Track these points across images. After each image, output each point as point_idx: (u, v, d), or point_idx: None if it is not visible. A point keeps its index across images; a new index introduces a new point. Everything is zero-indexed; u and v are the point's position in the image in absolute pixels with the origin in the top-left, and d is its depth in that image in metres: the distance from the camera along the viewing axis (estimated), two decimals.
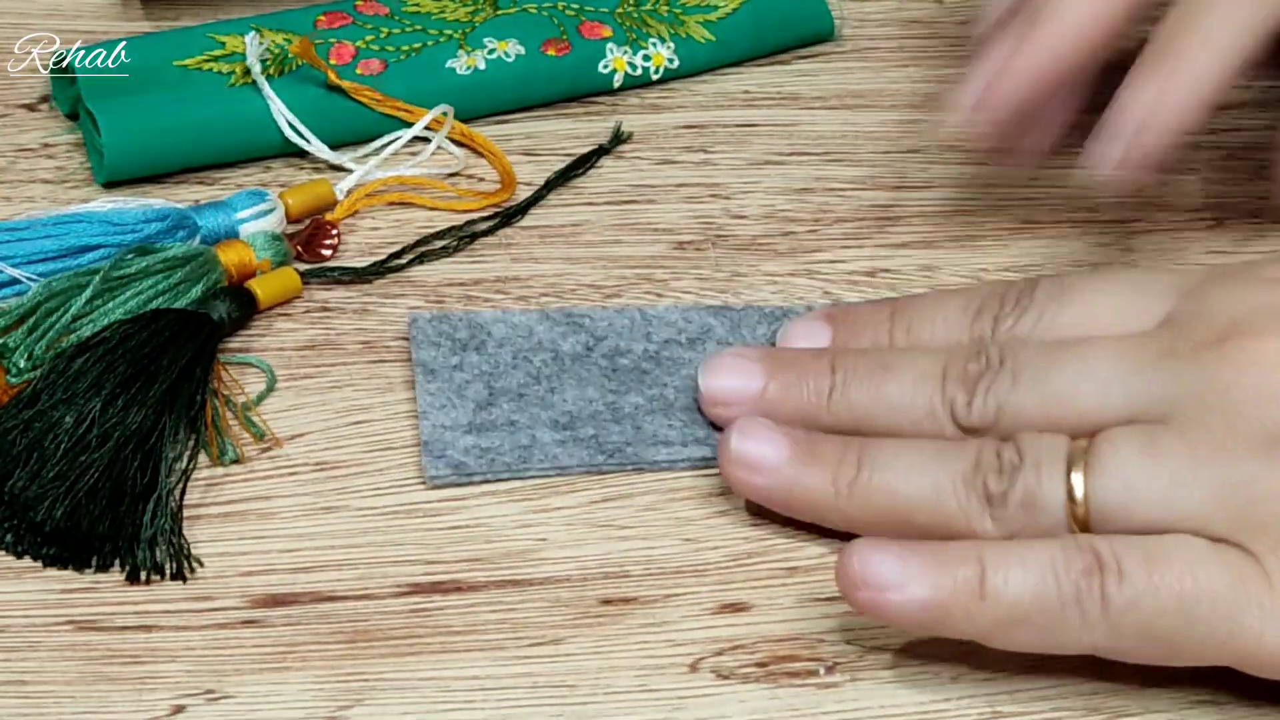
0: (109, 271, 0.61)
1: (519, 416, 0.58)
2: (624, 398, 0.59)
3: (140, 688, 0.53)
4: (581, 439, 0.58)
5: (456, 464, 0.57)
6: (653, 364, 0.60)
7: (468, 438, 0.58)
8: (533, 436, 0.58)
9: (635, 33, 0.72)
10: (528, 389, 0.59)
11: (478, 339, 0.60)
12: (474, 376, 0.59)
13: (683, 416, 0.59)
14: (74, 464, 0.56)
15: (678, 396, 0.59)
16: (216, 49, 0.69)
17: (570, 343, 0.60)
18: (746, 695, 0.53)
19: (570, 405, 0.59)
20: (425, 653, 0.54)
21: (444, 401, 0.59)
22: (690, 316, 0.62)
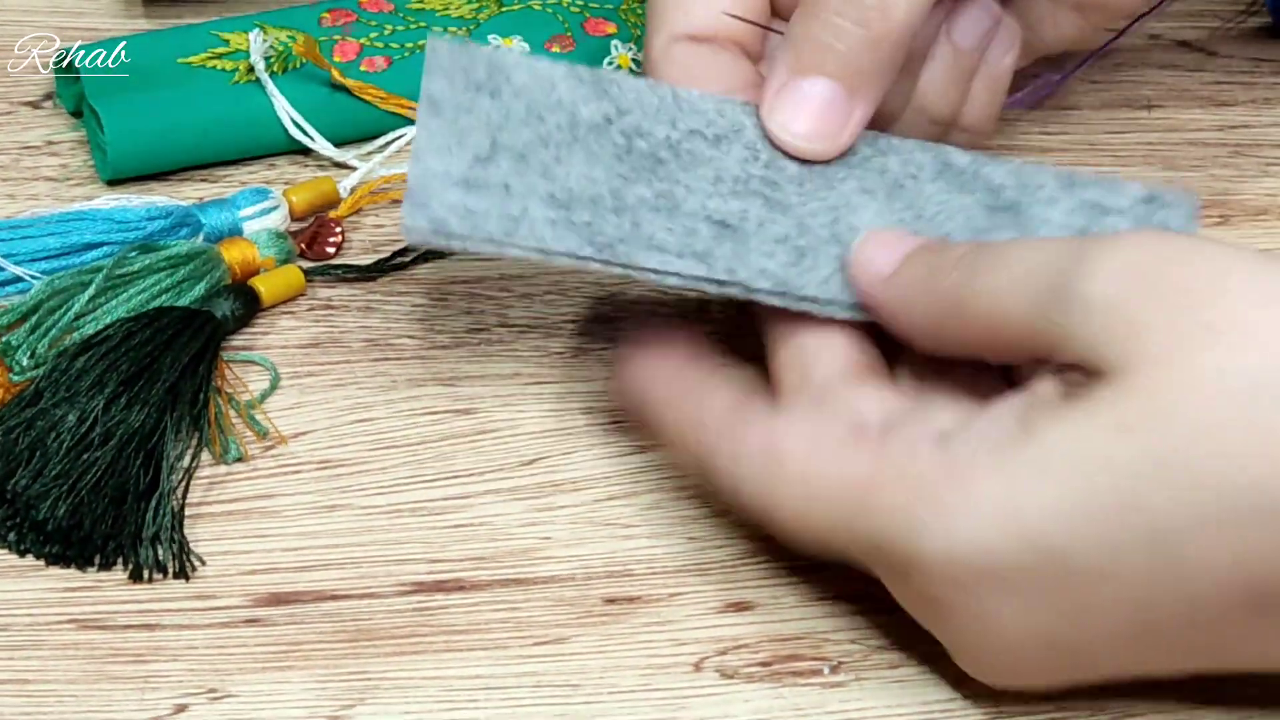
0: (112, 269, 0.60)
1: (515, 181, 0.54)
2: (630, 186, 0.55)
3: (143, 687, 0.52)
4: (574, 223, 0.54)
5: (437, 219, 0.53)
6: (671, 154, 0.56)
7: (455, 191, 0.53)
8: (524, 208, 0.54)
9: (639, 29, 0.72)
10: (532, 151, 0.55)
11: (495, 82, 0.55)
12: (480, 124, 0.54)
13: (685, 223, 0.55)
14: (77, 462, 0.56)
15: (687, 198, 0.55)
16: (220, 46, 0.69)
17: (590, 109, 0.56)
18: (750, 695, 0.53)
19: (573, 181, 0.55)
20: (428, 652, 0.54)
21: (441, 144, 0.54)
22: (724, 109, 0.57)
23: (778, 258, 0.55)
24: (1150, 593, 0.47)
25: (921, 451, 0.49)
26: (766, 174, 0.56)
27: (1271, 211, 0.68)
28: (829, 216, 0.56)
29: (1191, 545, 0.46)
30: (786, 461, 0.51)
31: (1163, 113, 0.72)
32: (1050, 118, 0.72)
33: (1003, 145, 0.69)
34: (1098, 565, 0.47)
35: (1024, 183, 0.58)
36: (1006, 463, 0.48)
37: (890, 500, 0.49)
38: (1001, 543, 0.47)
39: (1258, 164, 0.70)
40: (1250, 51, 0.75)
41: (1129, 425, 0.46)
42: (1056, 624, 0.48)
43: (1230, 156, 0.70)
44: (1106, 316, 0.47)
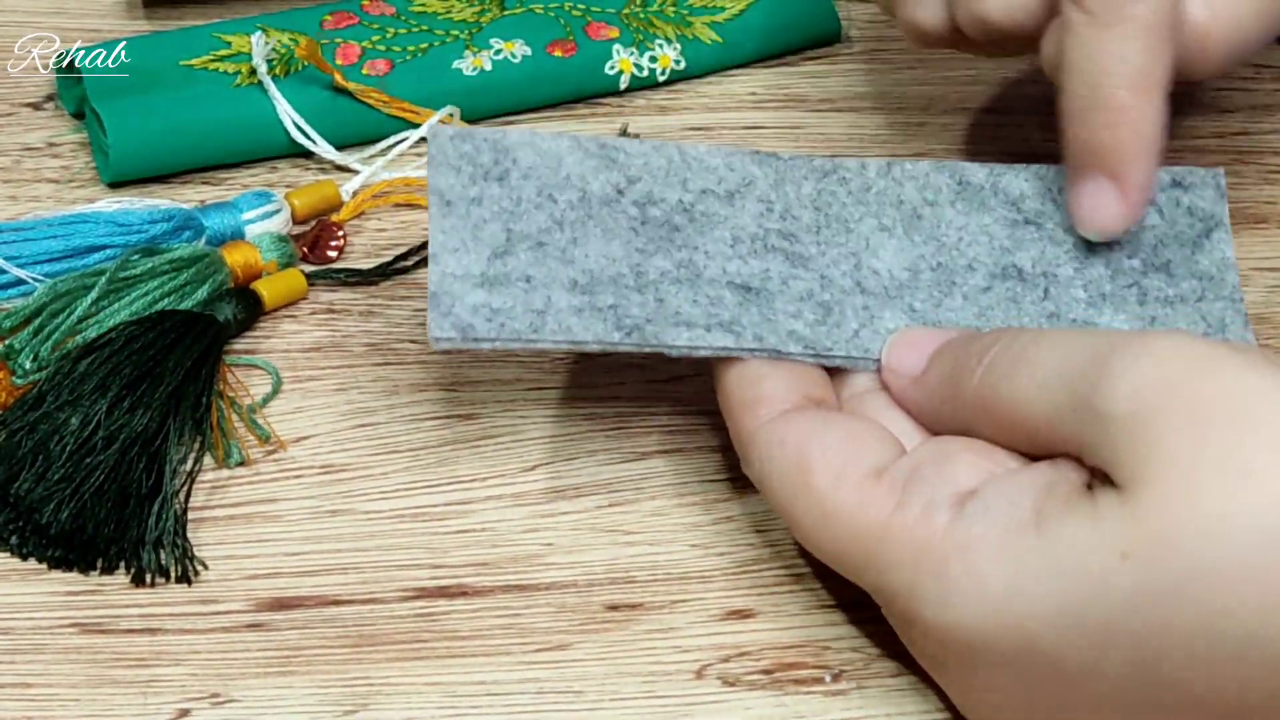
0: (115, 272, 0.60)
1: (535, 272, 0.54)
2: (650, 260, 0.55)
3: (145, 691, 0.52)
4: (599, 308, 0.54)
5: (464, 325, 0.52)
6: (686, 219, 0.56)
7: (479, 293, 0.53)
8: (548, 299, 0.53)
9: (642, 34, 0.72)
10: (548, 237, 0.54)
11: (501, 166, 0.55)
12: (493, 214, 0.54)
13: (709, 291, 0.55)
14: (79, 466, 0.56)
15: (707, 264, 0.55)
16: (222, 49, 0.69)
17: (600, 182, 0.56)
18: (752, 702, 0.53)
19: (592, 262, 0.54)
20: (431, 658, 0.54)
21: (457, 243, 0.54)
22: (733, 163, 0.57)
23: (804, 317, 0.55)
24: (1130, 700, 0.47)
25: (938, 517, 0.49)
26: (783, 226, 0.56)
27: (1271, 219, 0.68)
28: (850, 263, 0.56)
29: (1177, 675, 0.46)
30: (811, 483, 0.51)
31: None
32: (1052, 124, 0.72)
33: (1006, 152, 0.69)
34: (1081, 670, 0.47)
35: (1045, 188, 0.58)
36: (1013, 552, 0.48)
37: (899, 558, 0.50)
38: (994, 629, 0.48)
39: (1258, 171, 0.70)
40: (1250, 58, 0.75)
41: (1129, 553, 0.46)
42: (1043, 704, 0.49)
43: (1230, 164, 0.70)
44: (1123, 431, 0.47)
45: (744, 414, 0.54)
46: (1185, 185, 0.59)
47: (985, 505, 0.49)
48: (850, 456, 0.51)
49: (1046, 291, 0.58)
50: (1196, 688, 0.46)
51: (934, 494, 0.50)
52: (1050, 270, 0.58)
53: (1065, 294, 0.58)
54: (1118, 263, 0.58)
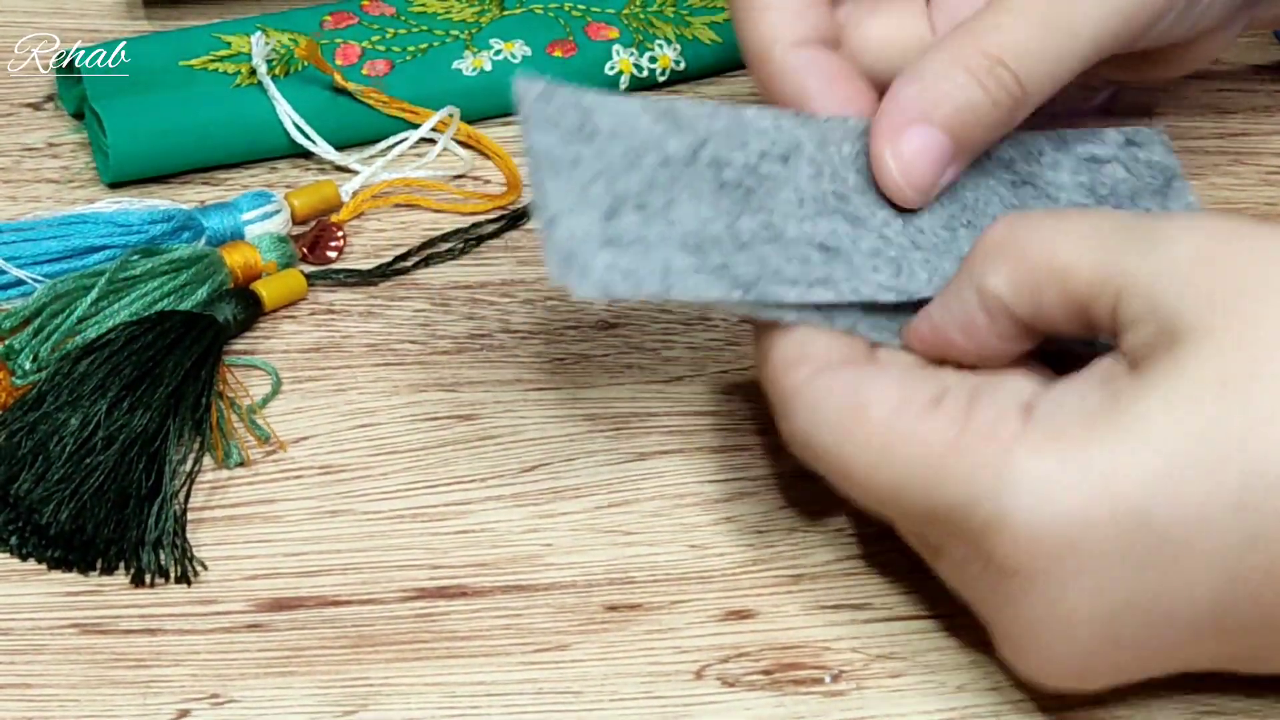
0: (114, 273, 0.60)
1: (647, 232, 0.53)
2: (739, 221, 0.55)
3: (145, 692, 0.52)
4: (714, 268, 0.53)
5: (604, 284, 0.51)
6: (756, 181, 0.55)
7: (605, 253, 0.52)
8: (667, 261, 0.53)
9: (641, 34, 0.72)
10: (645, 198, 0.53)
11: (587, 128, 0.54)
12: (593, 176, 0.53)
13: (795, 251, 0.55)
14: (79, 467, 0.56)
15: (785, 225, 0.55)
16: (222, 49, 0.69)
17: (675, 144, 0.55)
18: (752, 703, 0.53)
19: (691, 224, 0.54)
20: (430, 658, 0.54)
21: (571, 204, 0.52)
22: (781, 125, 0.56)
23: (882, 272, 0.55)
24: (1232, 564, 0.47)
25: (1009, 421, 0.49)
26: (835, 188, 0.56)
27: (1271, 220, 0.68)
28: (899, 224, 0.57)
29: (1276, 510, 0.46)
30: (869, 417, 0.50)
31: (1163, 120, 0.72)
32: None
33: None
34: (1186, 532, 0.47)
35: (1027, 151, 0.59)
36: (1103, 431, 0.47)
37: (977, 462, 0.48)
38: (1096, 512, 0.47)
39: (1258, 172, 0.70)
40: (1251, 59, 0.75)
41: (1229, 386, 0.46)
42: (1132, 606, 0.48)
43: (1230, 165, 0.70)
44: (1192, 271, 0.47)
45: (788, 370, 0.53)
46: (1138, 142, 0.60)
47: (1056, 403, 0.49)
48: (905, 391, 0.51)
49: None
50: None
51: (1001, 405, 0.49)
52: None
53: None
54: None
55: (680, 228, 0.53)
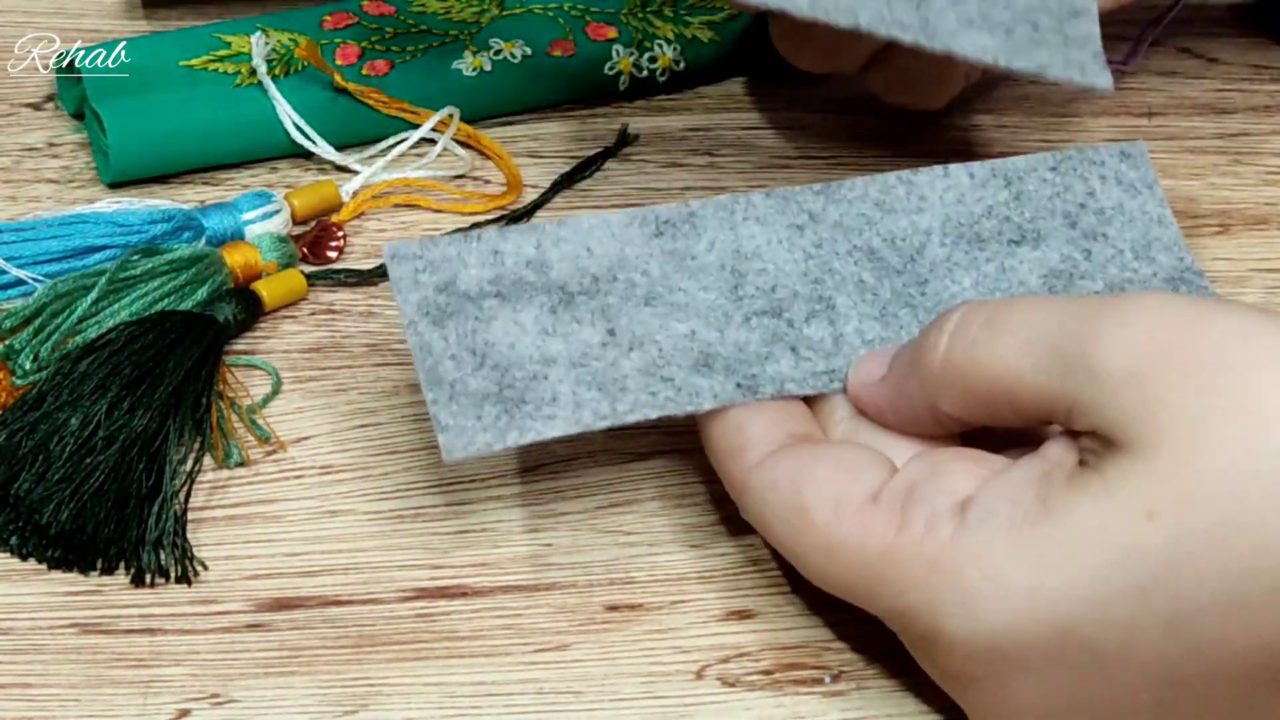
0: (115, 273, 0.60)
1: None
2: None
3: (145, 691, 0.52)
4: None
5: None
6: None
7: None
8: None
9: (641, 34, 0.72)
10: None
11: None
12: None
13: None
14: (79, 466, 0.56)
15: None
16: (222, 49, 0.69)
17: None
18: (752, 703, 0.53)
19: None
20: (431, 658, 0.54)
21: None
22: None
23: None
24: (1171, 673, 0.47)
25: (942, 525, 0.49)
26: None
27: (1271, 221, 0.68)
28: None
29: (1214, 626, 0.46)
30: (811, 521, 0.51)
31: (1163, 120, 0.72)
32: (1051, 125, 0.72)
33: (1005, 152, 0.69)
34: (1117, 648, 0.47)
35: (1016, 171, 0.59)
36: (1028, 543, 0.47)
37: (910, 576, 0.49)
38: (1023, 625, 0.47)
39: (1257, 173, 0.70)
40: (1250, 59, 0.75)
41: (1155, 510, 0.46)
42: (1076, 703, 0.48)
43: (1230, 165, 0.70)
44: (1125, 389, 0.47)
45: (732, 461, 0.54)
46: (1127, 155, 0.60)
47: (988, 509, 0.49)
48: (844, 486, 0.51)
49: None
50: (1235, 639, 0.46)
51: (933, 507, 0.49)
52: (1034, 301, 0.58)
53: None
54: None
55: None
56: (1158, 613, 0.46)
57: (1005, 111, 0.72)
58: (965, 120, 0.72)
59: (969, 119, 0.72)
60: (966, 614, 0.48)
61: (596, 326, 0.55)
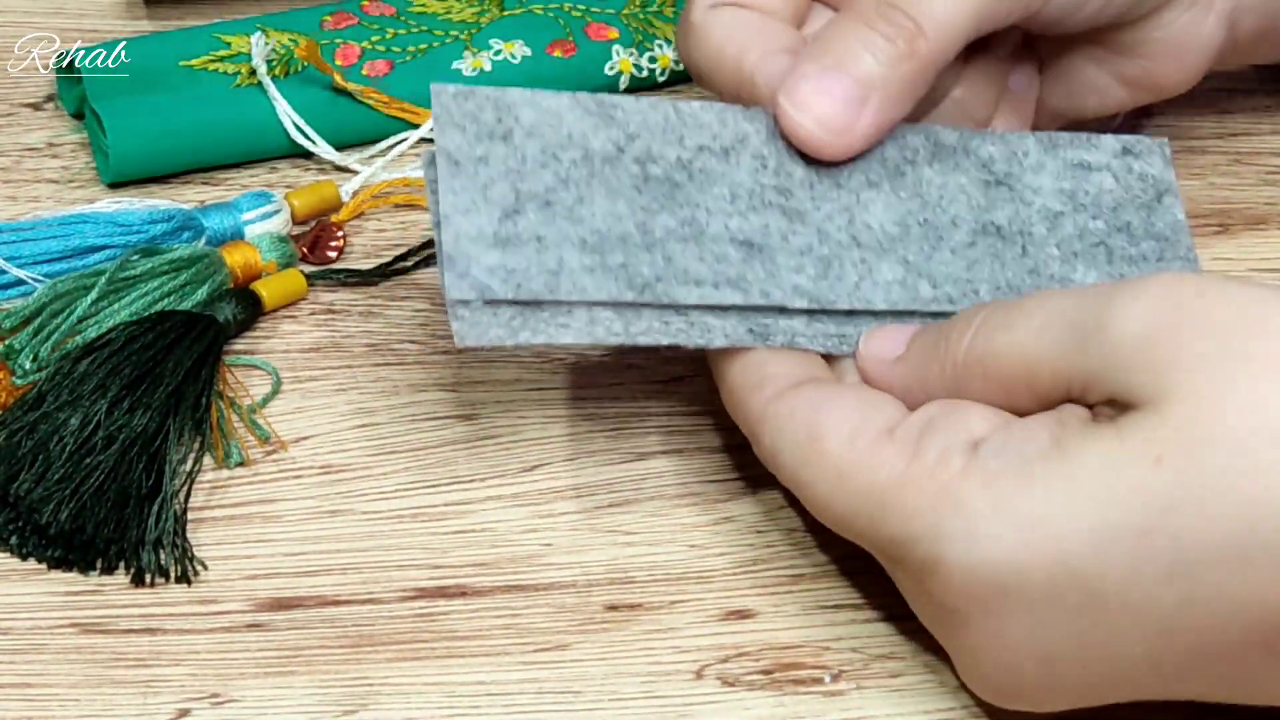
0: (114, 273, 0.60)
1: (546, 231, 0.53)
2: (655, 217, 0.55)
3: (145, 691, 0.52)
4: (610, 267, 0.53)
5: (481, 285, 0.52)
6: (685, 176, 0.56)
7: (493, 253, 0.52)
8: (560, 259, 0.53)
9: (641, 34, 0.72)
10: (555, 195, 0.54)
11: (505, 124, 0.54)
12: (500, 174, 0.54)
13: (713, 248, 0.55)
14: (79, 466, 0.56)
15: (709, 221, 0.55)
16: (222, 49, 0.69)
17: (601, 139, 0.56)
18: (752, 702, 0.53)
19: (599, 221, 0.54)
20: (430, 658, 0.54)
21: (468, 203, 0.53)
22: (726, 119, 0.57)
23: (806, 271, 0.55)
24: (1165, 622, 0.47)
25: (954, 458, 0.49)
26: (778, 181, 0.57)
27: (1271, 220, 0.68)
28: (844, 218, 0.57)
29: (1212, 577, 0.46)
30: (824, 447, 0.51)
31: (1163, 120, 0.72)
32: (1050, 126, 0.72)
33: None
34: (1117, 589, 0.47)
35: (1010, 151, 0.59)
36: (1038, 477, 0.48)
37: (918, 502, 0.49)
38: (1025, 557, 0.48)
39: (1257, 173, 0.70)
40: None
41: (1163, 455, 0.46)
42: (1068, 646, 0.48)
43: (1230, 165, 0.70)
44: (1139, 351, 0.48)
45: (750, 395, 0.54)
46: (1135, 152, 0.60)
47: (1000, 444, 0.49)
48: (862, 418, 0.51)
49: (1024, 249, 0.58)
50: (1232, 592, 0.46)
51: (948, 441, 0.50)
52: (1025, 229, 0.59)
53: (1041, 251, 0.58)
54: (1084, 224, 0.59)
55: (585, 225, 0.54)
56: (1158, 556, 0.46)
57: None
58: None
59: None
60: (970, 542, 0.48)
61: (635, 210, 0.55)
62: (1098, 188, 0.60)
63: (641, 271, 0.54)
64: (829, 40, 0.57)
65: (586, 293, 0.53)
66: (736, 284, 0.55)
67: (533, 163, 0.54)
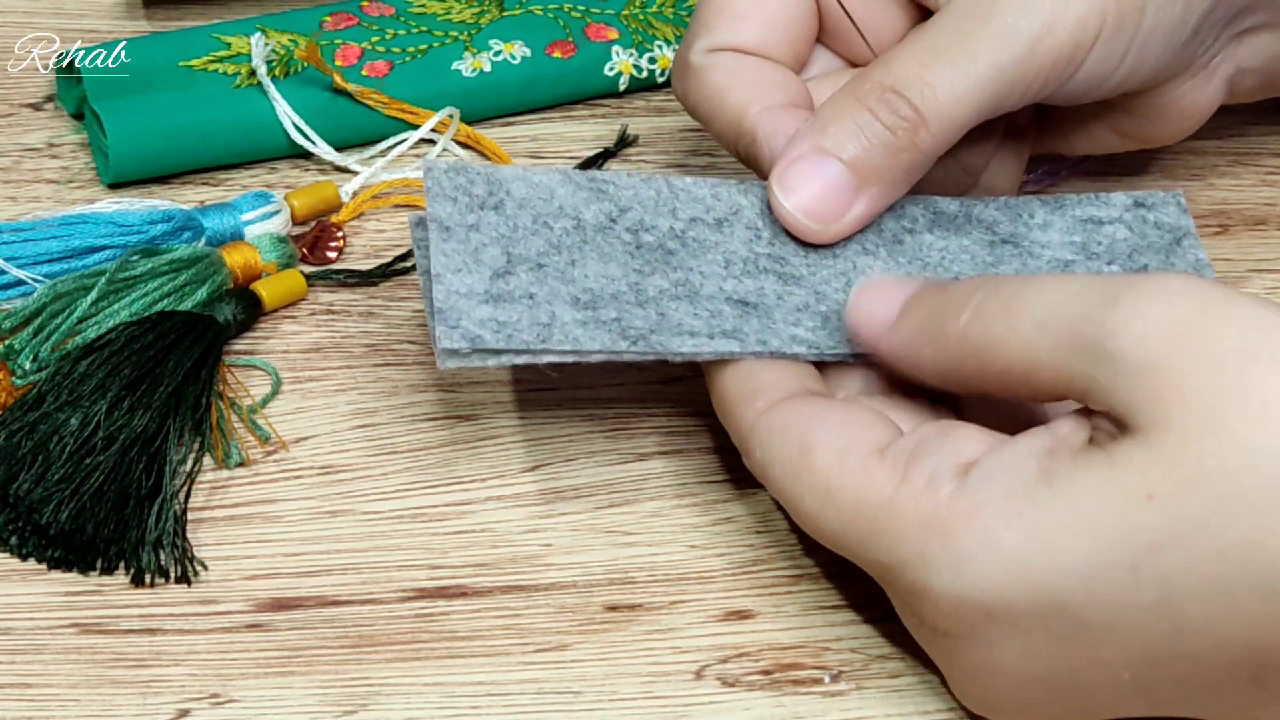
0: (114, 273, 0.60)
1: (538, 289, 0.54)
2: (648, 279, 0.56)
3: (145, 692, 0.52)
4: (603, 321, 0.54)
5: (472, 336, 0.52)
6: (678, 244, 0.57)
7: (484, 308, 0.53)
8: (552, 314, 0.54)
9: (641, 35, 0.72)
10: (547, 259, 0.55)
11: (496, 197, 0.56)
12: (491, 239, 0.55)
13: (708, 306, 0.55)
14: (79, 467, 0.56)
15: (704, 283, 0.56)
16: (222, 49, 0.69)
17: (593, 211, 0.56)
18: (751, 703, 0.53)
19: (592, 282, 0.55)
20: (430, 658, 0.54)
21: (459, 264, 0.54)
22: (719, 193, 0.58)
23: (805, 324, 0.56)
24: (1153, 653, 0.47)
25: (943, 483, 0.49)
26: (772, 250, 0.57)
27: (1270, 221, 0.68)
28: (841, 281, 0.57)
29: (1200, 613, 0.46)
30: (814, 463, 0.51)
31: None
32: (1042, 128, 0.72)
33: None
34: (1103, 621, 0.47)
35: (1015, 214, 0.59)
36: (1024, 510, 0.48)
37: (905, 529, 0.49)
38: (1011, 589, 0.48)
39: (1256, 174, 0.70)
40: None
41: (1154, 493, 0.46)
42: (1056, 672, 0.49)
43: (1229, 166, 0.70)
44: (1139, 376, 0.47)
45: (742, 407, 0.54)
46: (1148, 205, 0.60)
47: (989, 471, 0.49)
48: (853, 436, 0.51)
49: None
50: (1219, 628, 0.46)
51: (937, 465, 0.50)
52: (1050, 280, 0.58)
53: None
54: (1098, 269, 0.59)
55: (578, 285, 0.55)
56: (1146, 592, 0.46)
57: None
58: None
59: None
60: (955, 572, 0.48)
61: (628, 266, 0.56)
62: (1110, 238, 0.59)
63: (634, 324, 0.54)
64: (826, 120, 0.56)
65: (579, 344, 0.53)
66: (732, 335, 0.55)
67: (524, 230, 0.55)
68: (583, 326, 0.54)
